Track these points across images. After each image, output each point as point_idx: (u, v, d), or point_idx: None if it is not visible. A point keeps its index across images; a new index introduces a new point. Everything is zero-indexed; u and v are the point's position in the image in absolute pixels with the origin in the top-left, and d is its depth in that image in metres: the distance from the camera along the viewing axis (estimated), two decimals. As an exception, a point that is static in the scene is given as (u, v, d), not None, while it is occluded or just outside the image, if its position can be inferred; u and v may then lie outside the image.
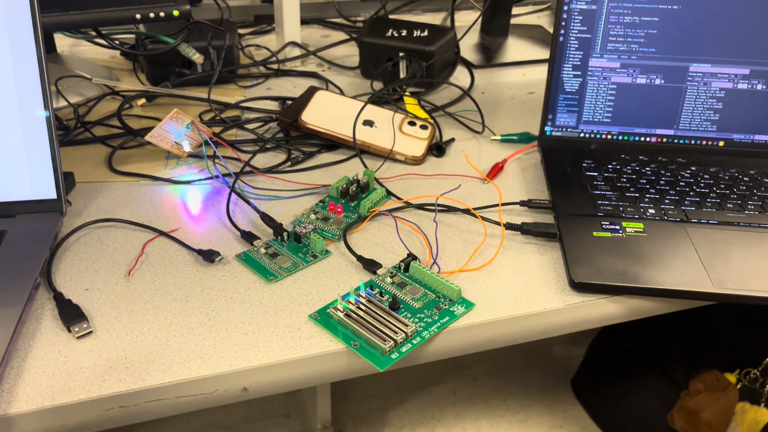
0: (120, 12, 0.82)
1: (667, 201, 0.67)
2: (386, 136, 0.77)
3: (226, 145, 0.75)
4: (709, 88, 0.74)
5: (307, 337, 0.51)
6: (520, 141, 0.82)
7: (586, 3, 0.72)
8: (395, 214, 0.66)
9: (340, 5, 1.23)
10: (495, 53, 1.09)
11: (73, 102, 0.84)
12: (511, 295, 0.57)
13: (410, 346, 0.51)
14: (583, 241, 0.61)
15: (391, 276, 0.58)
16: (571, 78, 0.76)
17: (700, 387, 1.09)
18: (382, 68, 0.94)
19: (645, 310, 0.58)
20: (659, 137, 0.77)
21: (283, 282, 0.57)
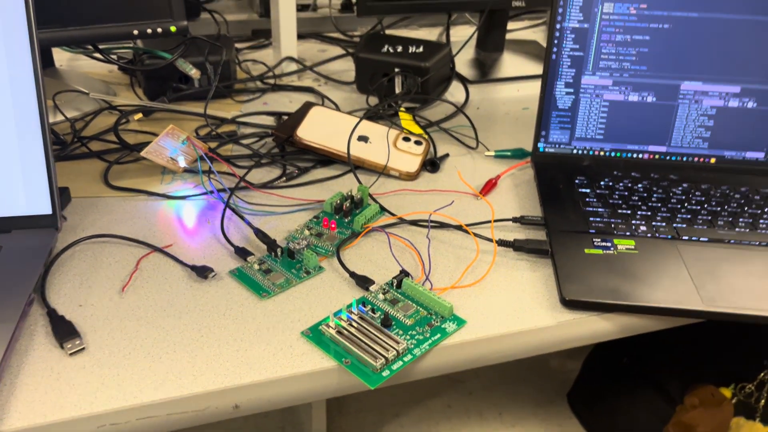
0: (117, 28, 0.83)
1: (658, 218, 0.68)
2: (381, 151, 0.78)
3: (221, 160, 0.75)
4: (701, 105, 0.75)
5: (299, 354, 0.52)
6: (513, 157, 0.82)
7: (578, 21, 0.73)
8: (389, 230, 0.67)
9: (337, 20, 1.24)
10: (490, 68, 1.10)
11: (70, 116, 0.85)
12: (502, 312, 0.57)
13: (401, 363, 0.51)
14: (575, 258, 0.61)
15: (383, 292, 0.58)
16: (563, 95, 0.76)
17: (695, 401, 1.09)
18: (378, 83, 0.95)
19: (636, 328, 0.59)
20: (651, 154, 0.78)
21: (276, 298, 0.58)
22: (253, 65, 1.06)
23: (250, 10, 1.30)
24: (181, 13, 0.85)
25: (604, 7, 0.72)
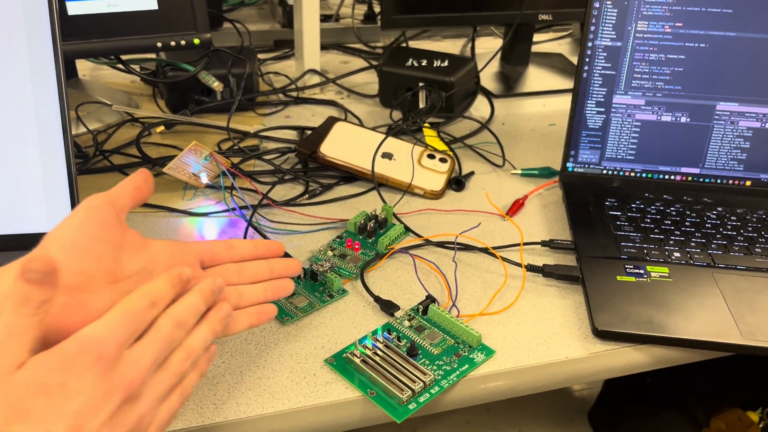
0: (141, 40, 0.82)
1: (692, 244, 0.65)
2: (405, 169, 0.77)
3: (243, 176, 0.74)
4: (737, 127, 0.73)
5: (323, 384, 0.50)
6: (541, 176, 0.80)
7: (610, 40, 0.71)
8: (413, 251, 0.65)
9: (360, 31, 1.23)
10: (515, 82, 1.09)
11: (92, 128, 0.84)
12: (532, 341, 0.55)
13: (428, 395, 0.49)
14: (607, 285, 0.59)
15: (409, 319, 0.56)
16: (594, 114, 0.74)
17: (721, 426, 1.07)
18: (402, 98, 0.94)
19: (670, 360, 0.57)
20: (684, 176, 0.75)
21: (299, 323, 0.56)
22: (276, 77, 1.05)
23: (272, 20, 1.29)
24: (205, 26, 0.84)
25: (638, 26, 0.71)
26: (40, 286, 0.35)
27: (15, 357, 0.35)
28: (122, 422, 0.37)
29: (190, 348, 0.41)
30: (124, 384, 0.37)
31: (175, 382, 0.40)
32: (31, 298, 0.35)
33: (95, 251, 0.41)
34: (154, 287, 0.40)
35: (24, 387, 0.35)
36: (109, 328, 0.37)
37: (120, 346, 0.37)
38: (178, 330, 0.40)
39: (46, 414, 0.35)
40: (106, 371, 0.36)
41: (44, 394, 0.35)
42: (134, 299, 0.39)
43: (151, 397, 0.39)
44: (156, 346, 0.39)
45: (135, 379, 0.37)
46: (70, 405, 0.35)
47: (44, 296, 0.36)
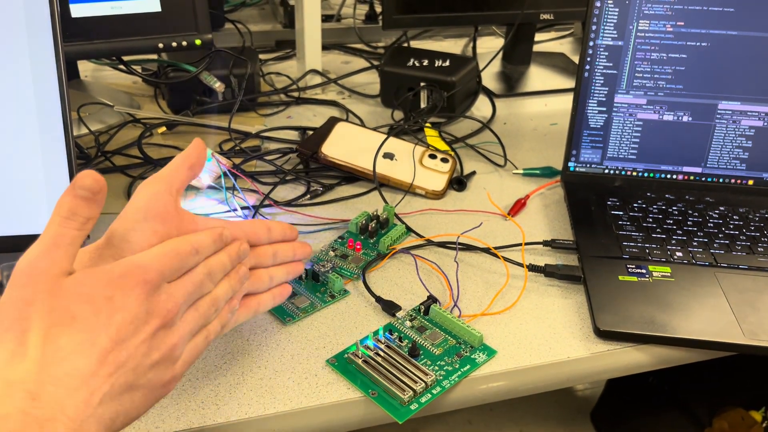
0: (143, 41, 0.83)
1: (695, 243, 0.65)
2: (406, 169, 0.76)
3: (245, 177, 0.74)
4: (738, 126, 0.73)
5: (325, 384, 0.50)
6: (542, 175, 0.80)
7: (612, 39, 0.71)
8: (415, 252, 0.65)
9: (361, 31, 1.23)
10: (517, 82, 1.09)
11: (94, 129, 0.84)
12: (534, 341, 0.55)
13: (430, 396, 0.49)
14: (609, 285, 0.59)
15: (410, 319, 0.56)
16: (596, 114, 0.74)
17: (724, 425, 1.07)
18: (403, 98, 0.93)
19: (672, 360, 0.56)
20: (686, 175, 0.75)
21: (300, 323, 0.56)
22: (277, 77, 1.05)
23: (274, 20, 1.29)
24: (207, 27, 0.84)
25: (640, 25, 0.70)
26: (88, 202, 0.38)
27: (64, 266, 0.37)
28: (157, 345, 0.39)
29: (215, 296, 0.44)
30: (163, 311, 0.39)
31: (202, 323, 0.43)
32: (78, 213, 0.38)
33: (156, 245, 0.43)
34: (199, 238, 0.44)
35: (72, 293, 0.37)
36: (156, 260, 0.40)
37: (162, 276, 0.40)
38: (207, 280, 0.44)
39: (91, 322, 0.36)
40: (148, 294, 0.39)
41: (91, 303, 0.37)
42: (181, 243, 0.42)
43: (182, 330, 0.41)
44: (190, 287, 0.42)
45: (172, 309, 0.40)
46: (114, 317, 0.37)
47: (90, 213, 0.38)
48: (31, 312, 0.36)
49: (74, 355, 0.35)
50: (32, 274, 0.36)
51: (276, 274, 0.52)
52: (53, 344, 0.35)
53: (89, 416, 0.35)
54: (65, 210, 0.37)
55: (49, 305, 0.36)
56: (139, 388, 0.38)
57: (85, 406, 0.35)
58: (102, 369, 0.36)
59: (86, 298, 0.37)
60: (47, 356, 0.35)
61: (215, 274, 0.44)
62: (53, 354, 0.35)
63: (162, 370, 0.40)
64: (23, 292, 0.36)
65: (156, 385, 0.40)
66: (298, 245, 0.54)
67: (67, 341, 0.35)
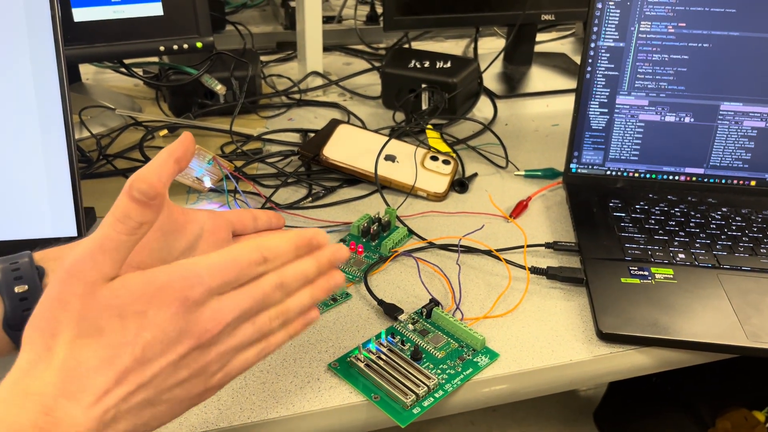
0: (144, 44, 0.83)
1: (697, 245, 0.65)
2: (408, 171, 0.76)
3: (246, 180, 0.74)
4: (741, 127, 0.73)
5: (327, 388, 0.50)
6: (544, 177, 0.80)
7: (613, 40, 0.71)
8: (417, 254, 0.65)
9: (362, 32, 1.23)
10: (518, 83, 1.08)
11: (96, 133, 0.84)
12: (536, 344, 0.55)
13: (432, 399, 0.49)
14: (611, 288, 0.59)
15: (412, 322, 0.56)
16: (597, 115, 0.74)
17: (727, 426, 1.06)
18: (404, 99, 0.93)
19: (675, 362, 0.56)
20: (688, 176, 0.75)
21: (303, 327, 0.56)
22: (278, 79, 1.05)
23: (275, 22, 1.29)
24: (208, 29, 0.84)
25: (641, 26, 0.70)
26: (143, 206, 0.35)
27: (105, 271, 0.35)
28: (187, 365, 0.36)
29: (285, 310, 0.40)
30: (200, 331, 0.36)
31: (256, 338, 0.39)
32: (131, 217, 0.35)
33: (153, 244, 0.42)
34: (274, 244, 0.39)
35: (104, 304, 0.35)
36: (206, 271, 0.36)
37: (209, 292, 0.36)
38: (277, 291, 0.39)
39: (117, 338, 0.35)
40: (186, 312, 0.35)
41: (120, 318, 0.35)
42: (248, 250, 0.38)
43: (226, 347, 0.37)
44: (248, 303, 0.38)
45: (211, 329, 0.36)
46: (142, 335, 0.35)
47: (144, 218, 0.36)
48: (63, 316, 0.35)
49: (94, 371, 0.34)
50: (72, 275, 0.35)
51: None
52: (76, 357, 0.34)
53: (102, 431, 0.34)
54: (119, 212, 0.35)
55: (80, 313, 0.35)
56: (162, 403, 0.37)
57: (97, 423, 0.34)
58: (119, 388, 0.35)
59: (117, 310, 0.35)
60: (67, 369, 0.34)
61: (289, 285, 0.40)
62: (74, 368, 0.34)
63: (191, 385, 0.37)
64: (61, 293, 0.35)
65: (183, 399, 0.37)
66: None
67: (90, 355, 0.34)
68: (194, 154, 0.46)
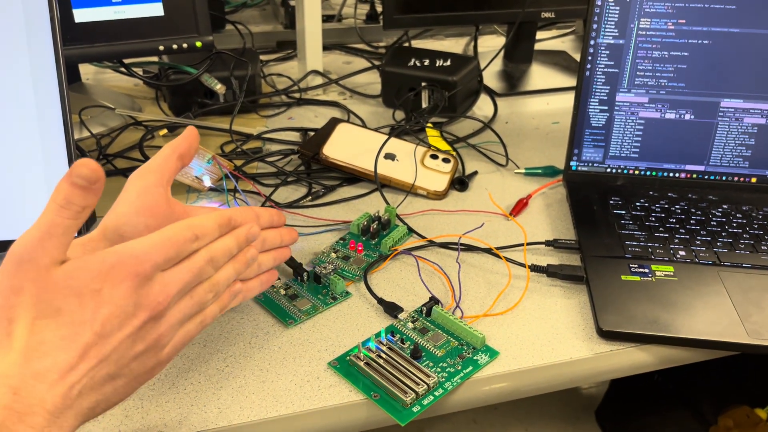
0: (144, 44, 0.83)
1: (698, 242, 0.65)
2: (408, 169, 0.76)
3: (246, 179, 0.74)
4: (741, 123, 0.72)
5: (327, 387, 0.50)
6: (544, 175, 0.80)
7: (613, 37, 0.71)
8: (417, 253, 0.65)
9: (362, 31, 1.23)
10: (518, 81, 1.08)
11: (96, 132, 0.84)
12: (536, 342, 0.55)
13: (432, 398, 0.49)
14: (611, 285, 0.59)
15: (412, 321, 0.56)
16: (597, 113, 0.74)
17: (729, 423, 1.06)
18: (404, 98, 0.93)
19: (676, 359, 0.56)
20: (689, 173, 0.75)
21: (303, 326, 0.56)
22: (278, 79, 1.05)
23: (275, 21, 1.29)
24: (207, 29, 0.84)
25: (641, 23, 0.70)
26: (85, 191, 0.37)
27: (55, 255, 0.37)
28: (143, 337, 0.39)
29: (215, 282, 0.44)
30: (153, 303, 0.39)
31: (196, 311, 0.43)
32: (74, 202, 0.37)
33: None
34: (201, 223, 0.43)
35: (60, 285, 0.36)
36: (151, 249, 0.39)
37: (156, 267, 0.39)
38: (208, 266, 0.43)
39: (76, 316, 0.36)
40: (138, 287, 0.38)
41: (77, 296, 0.37)
42: (180, 230, 0.41)
43: (173, 320, 0.41)
44: (187, 276, 0.41)
45: (162, 302, 0.39)
46: (100, 311, 0.37)
47: (86, 202, 0.37)
48: (18, 301, 0.36)
49: (56, 350, 0.36)
50: (22, 263, 0.36)
51: (263, 261, 0.51)
52: (37, 337, 0.36)
53: (67, 408, 0.36)
54: (61, 198, 0.37)
55: (36, 296, 0.36)
56: (121, 377, 0.39)
57: (63, 399, 0.35)
58: (83, 363, 0.36)
59: (73, 290, 0.36)
60: (30, 350, 0.35)
61: (218, 260, 0.44)
62: (36, 348, 0.35)
63: (146, 358, 0.40)
64: (12, 281, 0.36)
65: (139, 373, 0.40)
66: (285, 231, 0.54)
67: (51, 335, 0.36)
68: (197, 149, 0.47)
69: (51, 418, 0.35)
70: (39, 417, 0.34)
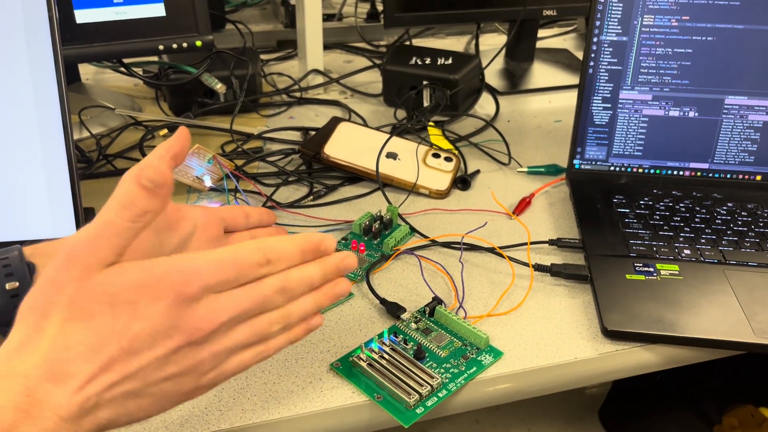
0: (143, 43, 0.82)
1: (703, 240, 0.64)
2: (410, 169, 0.76)
3: (247, 179, 0.74)
4: (746, 120, 0.72)
5: (329, 389, 0.50)
6: (547, 173, 0.79)
7: (616, 35, 0.70)
8: (419, 252, 0.65)
9: (363, 30, 1.22)
10: (520, 79, 1.08)
11: (96, 133, 0.84)
12: (541, 342, 0.55)
13: (436, 399, 0.49)
14: (616, 284, 0.59)
15: (415, 321, 0.56)
16: (600, 110, 0.73)
17: (733, 422, 1.06)
18: (406, 97, 0.93)
19: (681, 359, 0.56)
20: (693, 171, 0.74)
21: (305, 326, 0.56)
22: (279, 78, 1.05)
23: (275, 20, 1.29)
24: (207, 28, 0.84)
25: (644, 20, 0.70)
26: (150, 194, 0.35)
27: (104, 256, 0.35)
28: (176, 361, 0.36)
29: (286, 314, 0.39)
30: (192, 328, 0.35)
31: (254, 341, 0.38)
32: (136, 204, 0.35)
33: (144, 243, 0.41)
34: (279, 246, 0.38)
35: (98, 291, 0.34)
36: (204, 267, 0.35)
37: (206, 288, 0.35)
38: (279, 295, 0.38)
39: (107, 326, 0.34)
40: (179, 307, 0.35)
41: (112, 306, 0.34)
42: (250, 251, 0.37)
43: (220, 347, 0.37)
44: (245, 305, 0.37)
45: (204, 328, 0.35)
46: (132, 326, 0.34)
47: (150, 206, 0.35)
48: (57, 298, 0.34)
49: (80, 357, 0.34)
50: (70, 259, 0.34)
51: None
52: (65, 340, 0.34)
53: (82, 416, 0.34)
54: (126, 198, 0.35)
55: (73, 297, 0.34)
56: (148, 396, 0.36)
57: (78, 408, 0.34)
58: (104, 375, 0.34)
59: (110, 298, 0.34)
60: (55, 352, 0.34)
61: (293, 290, 0.38)
62: (61, 351, 0.34)
63: (181, 381, 0.37)
64: (56, 275, 0.35)
65: (171, 394, 0.37)
66: (273, 231, 0.53)
67: (78, 340, 0.34)
68: (190, 149, 0.46)
69: (63, 424, 0.34)
70: (50, 422, 0.33)
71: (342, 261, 0.41)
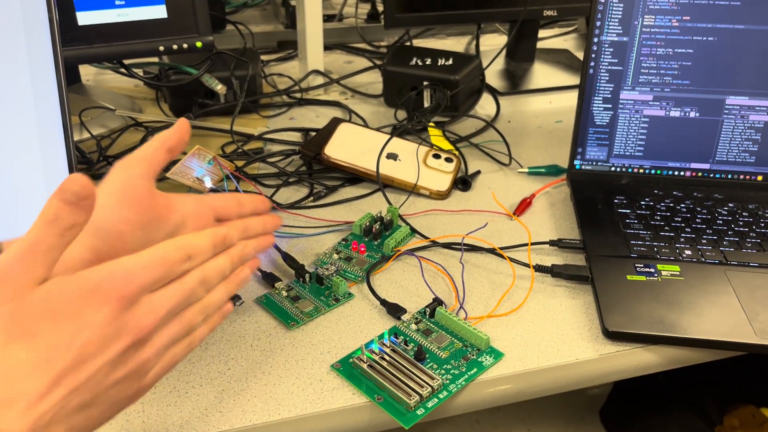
0: (144, 44, 0.82)
1: (704, 241, 0.64)
2: (410, 169, 0.76)
3: (247, 180, 0.74)
4: (747, 120, 0.72)
5: (330, 390, 0.50)
6: (548, 174, 0.79)
7: (617, 35, 0.70)
8: (420, 253, 0.65)
9: (363, 30, 1.22)
10: (521, 79, 1.08)
11: (96, 134, 0.84)
12: (541, 343, 0.55)
13: (436, 400, 0.48)
14: (617, 285, 0.58)
15: (416, 322, 0.56)
16: (601, 111, 0.73)
17: (735, 423, 1.05)
18: (406, 97, 0.93)
19: (682, 360, 0.56)
20: (694, 171, 0.74)
21: (305, 327, 0.56)
22: (279, 79, 1.05)
23: (275, 21, 1.29)
24: (207, 29, 0.84)
25: (645, 20, 0.69)
26: (74, 207, 0.35)
27: (36, 273, 0.35)
28: (124, 363, 0.36)
29: (207, 304, 0.41)
30: (136, 328, 0.36)
31: (184, 334, 0.40)
32: (62, 218, 0.35)
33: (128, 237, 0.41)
34: (195, 242, 0.40)
35: (38, 308, 0.34)
36: (138, 269, 0.36)
37: (142, 289, 0.36)
38: (201, 287, 0.40)
39: (52, 341, 0.34)
40: (121, 311, 0.35)
41: (55, 320, 0.34)
42: (172, 249, 0.39)
43: (159, 344, 0.38)
44: (176, 299, 0.38)
45: (147, 326, 0.37)
46: (78, 337, 0.34)
47: (76, 219, 0.35)
48: None
49: (27, 376, 0.33)
50: (2, 279, 0.34)
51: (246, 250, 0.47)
52: (8, 362, 0.33)
53: None
54: (50, 213, 0.35)
55: (11, 317, 0.34)
56: (96, 405, 0.36)
57: (32, 427, 0.33)
58: (55, 390, 0.34)
59: (51, 313, 0.34)
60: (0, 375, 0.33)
61: (210, 281, 0.41)
62: (7, 372, 0.33)
63: (126, 385, 0.37)
64: None
65: (117, 400, 0.37)
66: (268, 218, 0.52)
67: (23, 359, 0.33)
68: (190, 150, 0.45)
69: None
70: None
71: (242, 250, 0.44)
